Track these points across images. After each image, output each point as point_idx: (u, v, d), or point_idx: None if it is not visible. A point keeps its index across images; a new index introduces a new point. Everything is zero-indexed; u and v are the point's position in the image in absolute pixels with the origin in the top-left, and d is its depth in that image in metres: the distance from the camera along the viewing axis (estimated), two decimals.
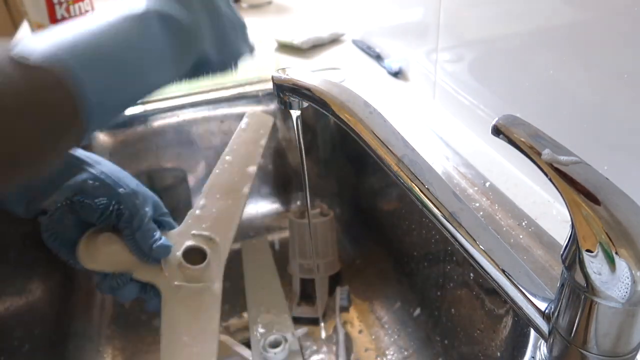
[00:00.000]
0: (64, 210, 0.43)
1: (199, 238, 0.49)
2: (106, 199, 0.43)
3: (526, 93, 0.48)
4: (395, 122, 0.34)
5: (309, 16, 1.01)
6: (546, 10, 0.44)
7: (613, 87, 0.39)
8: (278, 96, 0.37)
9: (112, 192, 0.43)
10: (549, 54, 0.44)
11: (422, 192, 0.30)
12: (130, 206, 0.43)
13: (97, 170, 0.44)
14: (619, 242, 0.22)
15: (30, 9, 0.69)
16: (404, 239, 0.60)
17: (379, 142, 0.31)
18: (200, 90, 0.70)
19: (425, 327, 0.57)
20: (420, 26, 0.65)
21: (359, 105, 0.32)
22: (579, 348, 0.27)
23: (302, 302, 0.65)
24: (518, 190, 0.49)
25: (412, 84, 0.70)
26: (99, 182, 0.43)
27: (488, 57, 0.53)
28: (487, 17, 0.52)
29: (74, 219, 0.44)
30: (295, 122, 0.40)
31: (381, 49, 0.79)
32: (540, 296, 0.29)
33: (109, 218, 0.43)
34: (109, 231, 0.45)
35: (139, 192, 0.45)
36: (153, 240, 0.44)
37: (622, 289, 0.23)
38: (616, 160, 0.40)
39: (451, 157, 0.55)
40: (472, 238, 0.29)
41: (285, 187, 0.78)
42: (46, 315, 0.53)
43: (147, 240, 0.44)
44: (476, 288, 0.47)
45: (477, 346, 0.48)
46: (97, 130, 0.64)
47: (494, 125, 0.26)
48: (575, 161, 0.23)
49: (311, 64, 0.79)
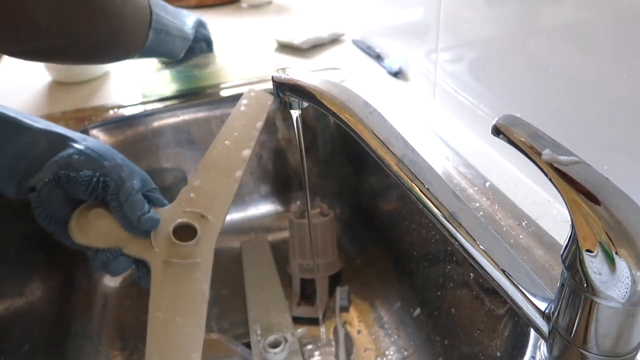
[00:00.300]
0: (51, 186, 0.43)
1: (190, 215, 0.48)
2: (91, 172, 0.43)
3: (526, 93, 0.48)
4: (395, 122, 0.34)
5: (309, 16, 1.01)
6: (546, 10, 0.44)
7: (613, 87, 0.39)
8: (278, 96, 0.37)
9: (97, 165, 0.44)
10: (549, 54, 0.44)
11: (422, 192, 0.30)
12: (116, 178, 0.44)
13: (82, 146, 0.45)
14: (619, 242, 0.22)
15: None
16: (404, 239, 0.60)
17: (379, 142, 0.31)
18: (200, 90, 0.70)
19: (425, 327, 0.57)
20: (420, 26, 0.65)
21: (359, 105, 0.32)
22: (579, 348, 0.27)
23: (302, 302, 0.65)
24: (518, 190, 0.49)
25: (412, 84, 0.70)
26: (85, 157, 0.44)
27: (488, 57, 0.53)
28: (487, 17, 0.52)
29: (63, 195, 0.44)
30: (295, 122, 0.40)
31: (381, 49, 0.79)
32: (540, 296, 0.29)
33: (96, 191, 0.44)
34: (100, 207, 0.45)
35: (125, 165, 0.45)
36: (141, 213, 0.45)
37: (622, 289, 0.23)
38: (616, 160, 0.40)
39: (451, 157, 0.55)
40: (472, 238, 0.29)
41: (285, 187, 0.78)
42: (46, 315, 0.53)
43: (134, 212, 0.44)
44: (476, 288, 0.47)
45: (477, 346, 0.48)
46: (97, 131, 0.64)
47: (494, 125, 0.26)
48: (575, 161, 0.23)
49: (311, 64, 0.79)
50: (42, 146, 0.44)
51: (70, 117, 0.65)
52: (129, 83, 0.74)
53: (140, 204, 0.45)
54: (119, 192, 0.44)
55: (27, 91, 0.73)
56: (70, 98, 0.71)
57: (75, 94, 0.72)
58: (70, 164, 0.43)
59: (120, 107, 0.67)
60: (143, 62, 0.76)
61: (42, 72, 0.76)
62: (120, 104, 0.68)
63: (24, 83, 0.76)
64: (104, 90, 0.73)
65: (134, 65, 0.77)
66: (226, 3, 1.12)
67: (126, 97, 0.70)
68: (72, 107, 0.68)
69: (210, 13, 1.07)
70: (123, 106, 0.67)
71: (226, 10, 1.09)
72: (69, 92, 0.73)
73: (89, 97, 0.71)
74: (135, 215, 0.44)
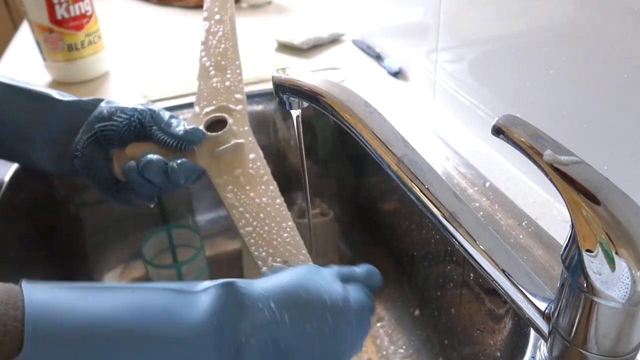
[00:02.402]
0: (92, 145, 0.46)
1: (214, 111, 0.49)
2: (124, 114, 0.46)
3: (526, 93, 0.48)
4: (395, 122, 0.34)
5: (309, 16, 1.01)
6: (546, 10, 0.44)
7: (613, 87, 0.39)
8: (278, 96, 0.37)
9: (126, 109, 0.46)
10: (549, 54, 0.44)
11: (422, 192, 0.30)
12: (148, 112, 0.46)
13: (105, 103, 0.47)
14: (619, 242, 0.22)
15: (30, 9, 0.69)
16: (404, 239, 0.60)
17: (379, 142, 0.31)
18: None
19: (425, 327, 0.57)
20: (420, 26, 0.65)
21: (359, 105, 0.32)
22: (579, 348, 0.27)
23: None
24: (518, 190, 0.49)
25: (412, 84, 0.70)
26: (113, 108, 0.47)
27: (488, 57, 0.53)
28: (487, 17, 0.52)
29: (104, 153, 0.46)
30: (295, 122, 0.40)
31: (381, 49, 0.79)
32: (540, 296, 0.29)
33: (134, 130, 0.46)
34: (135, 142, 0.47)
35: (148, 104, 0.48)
36: (183, 127, 0.46)
37: (622, 289, 0.23)
38: (616, 160, 0.40)
39: (451, 157, 0.55)
40: (472, 238, 0.29)
41: (285, 187, 0.78)
42: None
43: (176, 128, 0.46)
44: (476, 288, 0.47)
45: (477, 346, 0.48)
46: None
47: (494, 125, 0.26)
48: (575, 161, 0.23)
49: (311, 64, 0.79)
50: (76, 114, 0.47)
51: None
52: (129, 83, 0.74)
53: (178, 121, 0.47)
54: (156, 119, 0.46)
55: None
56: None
57: (75, 94, 0.72)
58: (102, 117, 0.46)
59: None
60: (143, 62, 0.77)
61: (42, 72, 0.76)
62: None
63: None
64: (104, 90, 0.73)
65: (134, 65, 0.77)
66: None
67: (126, 97, 0.69)
68: None
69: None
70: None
71: None
72: (69, 92, 0.73)
73: (89, 97, 0.71)
74: (178, 131, 0.46)
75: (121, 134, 0.45)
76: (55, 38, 0.71)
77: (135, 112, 0.46)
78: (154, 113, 0.46)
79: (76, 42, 0.72)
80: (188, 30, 0.89)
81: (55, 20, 0.69)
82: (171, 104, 0.67)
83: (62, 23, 0.70)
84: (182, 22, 1.03)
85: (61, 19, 0.70)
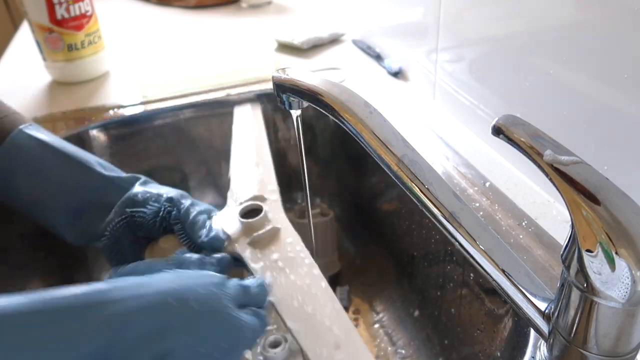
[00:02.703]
0: (122, 228, 0.45)
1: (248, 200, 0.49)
2: (157, 203, 0.45)
3: (526, 93, 0.48)
4: (395, 122, 0.34)
5: (309, 16, 1.01)
6: (546, 10, 0.44)
7: (613, 87, 0.39)
8: (278, 96, 0.37)
9: (159, 197, 0.45)
10: (549, 54, 0.44)
11: (422, 192, 0.30)
12: (178, 204, 0.45)
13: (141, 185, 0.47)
14: (619, 242, 0.22)
15: (30, 9, 0.69)
16: (404, 239, 0.60)
17: (379, 142, 0.31)
18: (200, 90, 0.70)
19: (425, 327, 0.57)
20: (420, 26, 0.65)
21: (359, 105, 0.32)
22: (579, 348, 0.27)
23: None
24: (518, 190, 0.49)
25: (412, 84, 0.70)
26: (147, 193, 0.46)
27: (488, 57, 0.53)
28: (487, 17, 0.52)
29: (132, 236, 0.46)
30: (295, 122, 0.40)
31: (381, 49, 0.79)
32: (540, 296, 0.29)
33: (161, 222, 0.45)
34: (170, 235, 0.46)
35: (187, 195, 0.47)
36: (205, 232, 0.44)
37: (622, 289, 0.23)
38: (616, 160, 0.40)
39: (451, 157, 0.55)
40: (472, 238, 0.29)
41: (285, 187, 0.78)
42: None
43: (195, 231, 0.44)
44: (476, 288, 0.47)
45: (477, 346, 0.48)
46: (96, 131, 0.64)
47: (494, 125, 0.26)
48: (575, 161, 0.23)
49: (311, 64, 0.79)
50: (111, 191, 0.46)
51: (70, 117, 0.65)
52: (129, 83, 0.74)
53: (201, 223, 0.45)
54: (182, 216, 0.44)
55: (27, 91, 0.73)
56: (70, 98, 0.71)
57: (75, 94, 0.72)
58: (136, 202, 0.45)
59: (120, 107, 0.67)
60: (143, 62, 0.77)
61: (42, 72, 0.76)
62: (120, 104, 0.68)
63: (24, 83, 0.76)
64: (104, 90, 0.73)
65: (134, 65, 0.77)
66: (226, 3, 1.12)
67: (126, 97, 0.70)
68: (72, 107, 0.68)
69: (210, 13, 1.07)
70: (123, 106, 0.67)
71: (226, 10, 1.09)
72: (69, 92, 0.73)
73: (89, 97, 0.71)
74: (201, 235, 0.44)
75: (149, 224, 0.45)
76: (55, 38, 0.71)
77: (166, 204, 0.45)
78: (182, 208, 0.45)
79: (76, 42, 0.72)
80: (188, 31, 0.89)
81: (55, 20, 0.69)
82: (171, 104, 0.67)
83: (62, 23, 0.70)
84: (182, 22, 1.03)
85: (61, 19, 0.70)
